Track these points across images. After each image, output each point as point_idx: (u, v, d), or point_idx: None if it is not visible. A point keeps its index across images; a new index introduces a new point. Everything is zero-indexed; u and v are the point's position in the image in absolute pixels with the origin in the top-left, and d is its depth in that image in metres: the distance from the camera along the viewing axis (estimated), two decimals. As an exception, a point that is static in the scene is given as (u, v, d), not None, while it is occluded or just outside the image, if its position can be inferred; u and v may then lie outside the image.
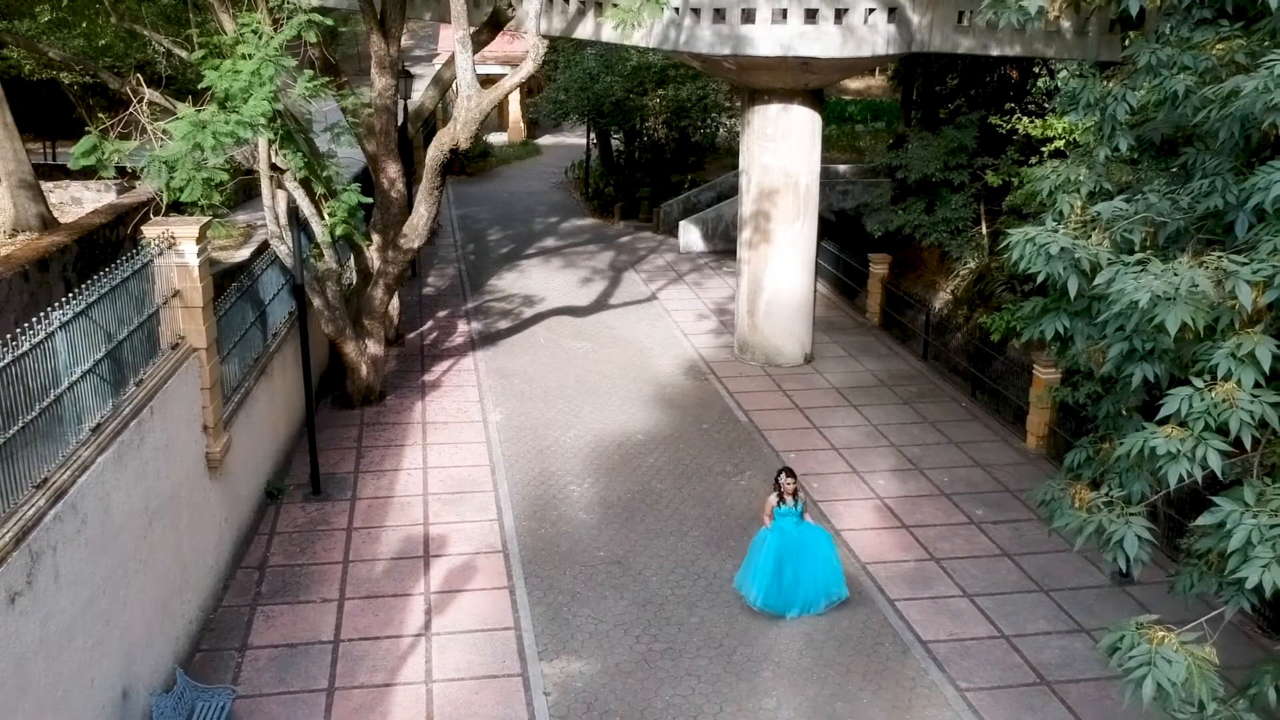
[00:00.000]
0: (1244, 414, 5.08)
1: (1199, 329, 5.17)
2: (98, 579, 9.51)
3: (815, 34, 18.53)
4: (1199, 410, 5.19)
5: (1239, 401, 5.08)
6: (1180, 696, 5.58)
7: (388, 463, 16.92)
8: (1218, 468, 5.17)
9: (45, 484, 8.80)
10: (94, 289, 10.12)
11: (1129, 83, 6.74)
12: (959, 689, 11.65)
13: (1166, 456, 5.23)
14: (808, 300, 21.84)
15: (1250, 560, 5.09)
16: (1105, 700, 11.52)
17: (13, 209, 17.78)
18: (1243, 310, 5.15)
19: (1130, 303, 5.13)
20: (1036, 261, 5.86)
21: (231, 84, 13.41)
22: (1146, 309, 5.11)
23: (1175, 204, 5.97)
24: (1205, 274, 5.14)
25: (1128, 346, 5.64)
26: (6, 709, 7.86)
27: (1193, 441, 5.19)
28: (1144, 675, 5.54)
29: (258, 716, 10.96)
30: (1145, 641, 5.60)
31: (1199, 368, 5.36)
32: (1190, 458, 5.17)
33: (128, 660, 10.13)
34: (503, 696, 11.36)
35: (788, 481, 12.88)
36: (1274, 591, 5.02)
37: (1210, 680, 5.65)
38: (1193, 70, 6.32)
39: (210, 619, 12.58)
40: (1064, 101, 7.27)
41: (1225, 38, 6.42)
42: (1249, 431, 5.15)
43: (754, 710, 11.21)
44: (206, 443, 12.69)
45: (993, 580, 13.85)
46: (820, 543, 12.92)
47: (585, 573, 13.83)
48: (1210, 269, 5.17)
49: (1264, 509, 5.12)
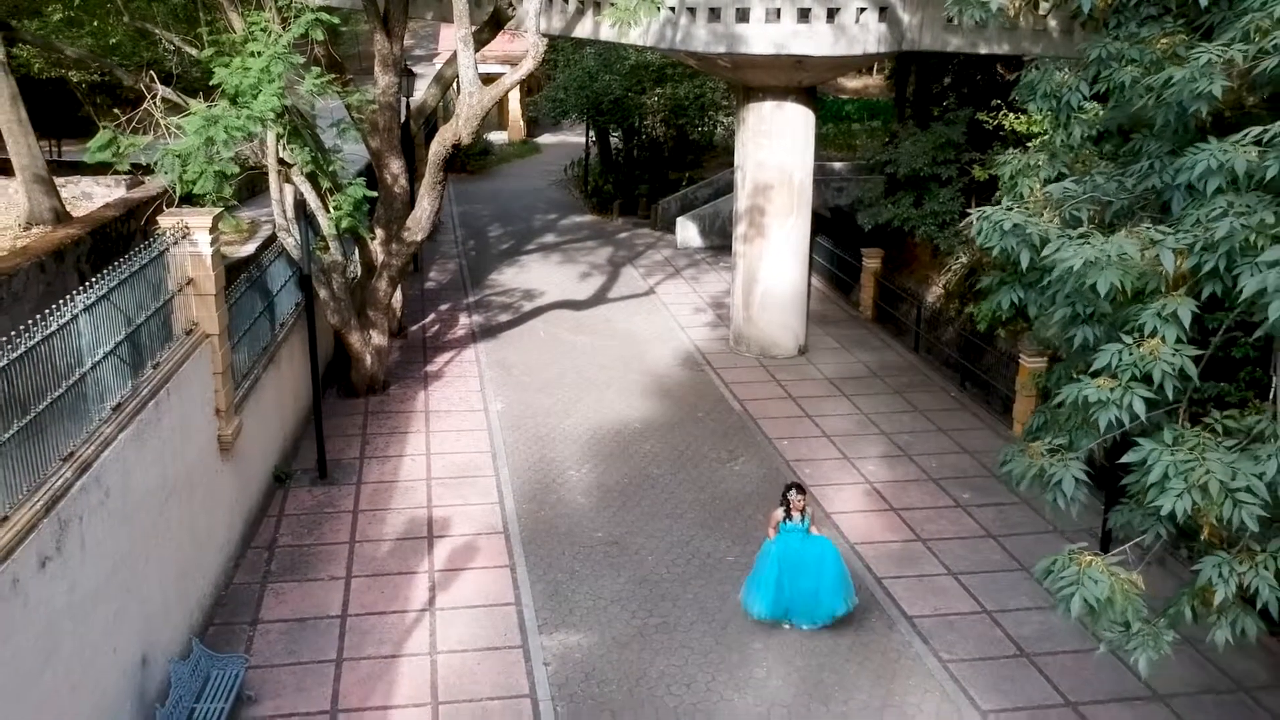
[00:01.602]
0: (1166, 365, 5.60)
1: (1128, 291, 5.70)
2: (120, 550, 10.00)
3: (808, 33, 19.03)
4: (1127, 363, 5.72)
5: (1162, 355, 5.60)
6: (1109, 617, 6.07)
7: (392, 449, 17.42)
8: (1141, 413, 5.68)
9: (71, 457, 9.30)
10: (114, 275, 10.60)
11: (1082, 75, 7.26)
12: (941, 660, 12.14)
13: (1098, 404, 5.74)
14: (801, 293, 22.33)
15: (1166, 491, 5.59)
16: (1081, 671, 12.01)
17: (27, 203, 18.28)
18: (1167, 275, 5.68)
19: (1068, 269, 5.67)
20: (992, 237, 6.39)
21: (242, 80, 13.92)
22: (1080, 273, 5.64)
23: (1121, 185, 6.50)
24: (1133, 243, 5.68)
25: (1071, 311, 6.17)
26: (37, 668, 8.34)
27: (1121, 390, 5.71)
28: (1072, 594, 6.07)
29: (269, 685, 11.45)
30: (1074, 565, 6.11)
31: (1129, 327, 5.88)
32: (1119, 405, 5.68)
33: (147, 629, 10.61)
34: (504, 667, 11.86)
35: (798, 499, 12.51)
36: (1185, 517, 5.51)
37: (1135, 601, 6.14)
38: (1138, 63, 6.83)
39: (222, 595, 13.07)
40: (1023, 92, 7.78)
41: (1169, 33, 6.92)
42: (1170, 381, 5.67)
43: (744, 679, 11.70)
44: (218, 425, 13.18)
45: (977, 560, 14.35)
46: (825, 557, 12.57)
47: (583, 552, 14.32)
48: (1138, 239, 5.71)
49: (1180, 448, 5.63)
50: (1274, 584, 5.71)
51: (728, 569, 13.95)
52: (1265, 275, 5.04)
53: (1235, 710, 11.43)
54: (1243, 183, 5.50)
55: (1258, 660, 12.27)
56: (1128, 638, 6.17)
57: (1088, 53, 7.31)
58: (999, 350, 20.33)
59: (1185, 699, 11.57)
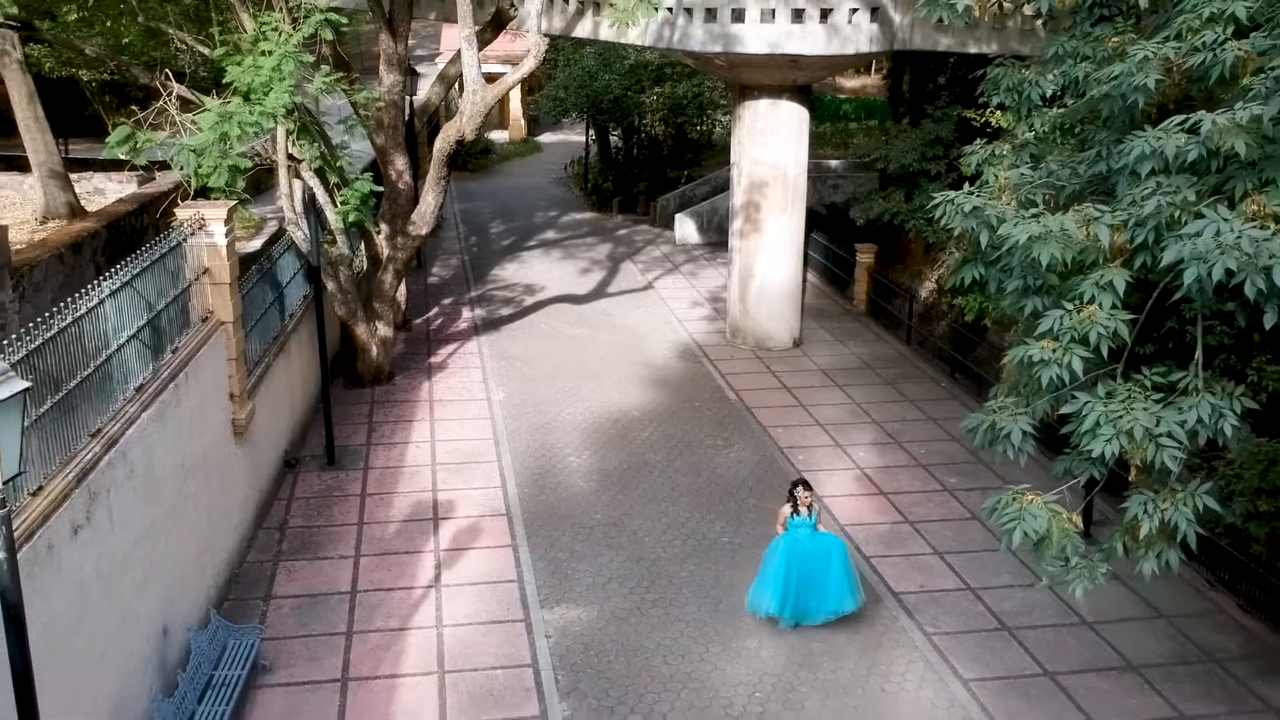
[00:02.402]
0: (1101, 328, 6.16)
1: (1068, 263, 6.26)
2: (143, 523, 10.54)
3: (802, 33, 19.57)
4: (1067, 327, 6.28)
5: (1098, 319, 6.16)
6: (1050, 553, 6.63)
7: (398, 436, 17.97)
8: (1080, 371, 6.24)
9: (99, 433, 9.84)
10: (136, 263, 11.14)
11: (1041, 71, 7.81)
12: (926, 633, 12.69)
13: (1041, 364, 6.31)
14: (796, 287, 22.88)
15: (1097, 437, 6.14)
16: (1059, 643, 12.55)
17: (43, 197, 18.82)
18: (1104, 249, 6.22)
19: (1016, 243, 6.23)
20: (955, 219, 6.95)
21: (254, 78, 14.45)
22: (1026, 246, 6.19)
23: (1074, 171, 7.05)
24: (1074, 220, 6.23)
25: (1022, 284, 6.74)
26: (71, 630, 8.88)
27: (1061, 351, 6.26)
28: (1014, 528, 6.68)
29: (283, 655, 11.99)
30: (1016, 503, 6.72)
31: (1071, 296, 6.44)
32: (1059, 364, 6.24)
33: (168, 601, 11.16)
34: (507, 639, 12.40)
35: (805, 495, 12.63)
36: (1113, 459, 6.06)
37: (1072, 538, 6.75)
38: (1091, 60, 7.37)
39: (236, 572, 13.61)
40: (988, 87, 8.33)
41: (1120, 32, 7.46)
42: (1105, 342, 6.23)
43: (737, 650, 12.25)
44: (232, 410, 13.73)
45: (962, 540, 14.89)
46: (833, 553, 12.68)
47: (583, 533, 14.86)
48: (1079, 217, 6.26)
49: (1113, 401, 6.19)
50: (1191, 519, 6.28)
51: (722, 549, 14.50)
52: (1182, 245, 5.59)
53: (1205, 680, 11.96)
54: (1172, 165, 6.06)
55: (1228, 634, 12.81)
56: (1066, 570, 6.74)
57: (1047, 50, 7.88)
58: (988, 342, 20.86)
59: (1158, 669, 12.11)
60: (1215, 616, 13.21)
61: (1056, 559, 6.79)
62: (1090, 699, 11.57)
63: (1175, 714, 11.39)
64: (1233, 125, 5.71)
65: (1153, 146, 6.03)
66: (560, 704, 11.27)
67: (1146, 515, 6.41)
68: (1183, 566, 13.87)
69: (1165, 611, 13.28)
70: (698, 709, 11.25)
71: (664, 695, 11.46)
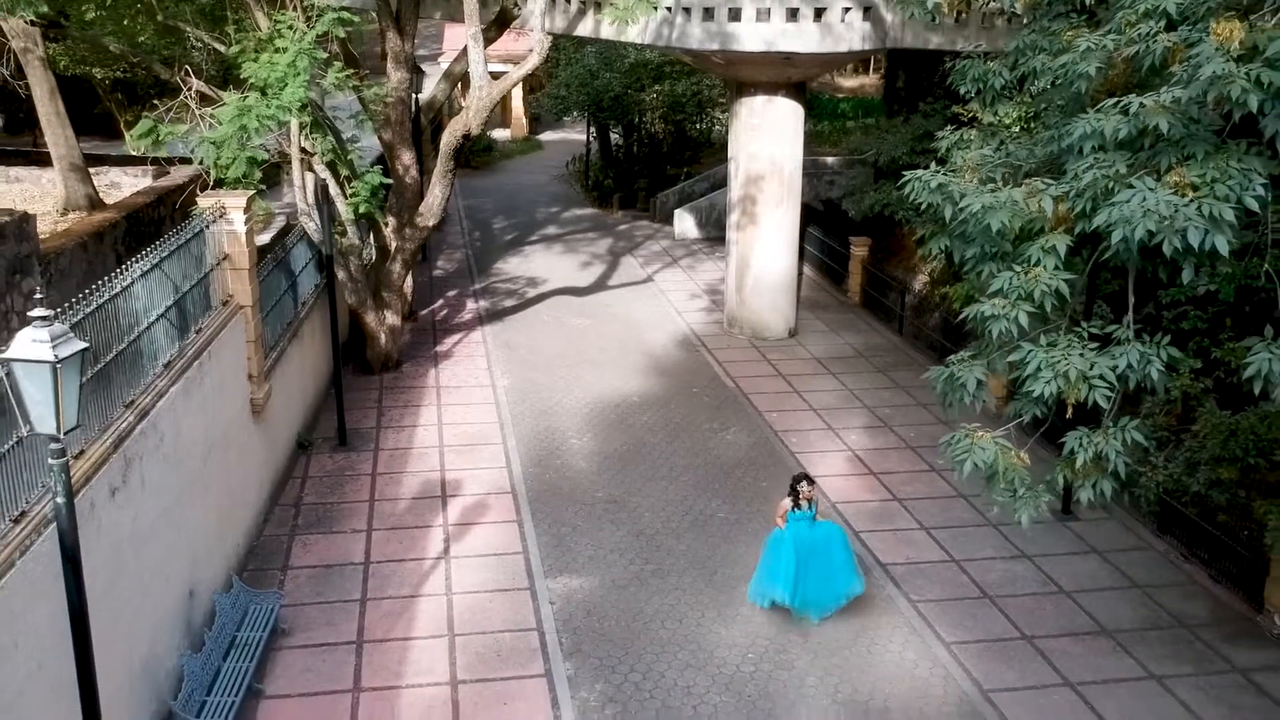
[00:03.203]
0: (1044, 287, 6.84)
1: (1017, 230, 6.94)
2: (172, 491, 11.21)
3: (796, 31, 20.22)
4: (1015, 286, 6.97)
5: (1041, 279, 6.83)
6: (999, 486, 7.32)
7: (406, 420, 18.63)
8: (1025, 325, 6.91)
9: (132, 404, 10.50)
10: (163, 247, 11.80)
11: (1003, 62, 8.50)
12: (911, 601, 13.35)
13: (991, 318, 6.98)
14: (792, 278, 23.54)
15: (1038, 379, 6.81)
16: (1037, 611, 13.21)
17: (64, 190, 19.48)
18: (1049, 217, 6.90)
19: (971, 213, 6.90)
20: (922, 194, 7.63)
21: (270, 74, 15.11)
22: (979, 215, 6.87)
23: (1030, 152, 7.73)
24: (1021, 192, 6.91)
25: (980, 250, 7.41)
26: (108, 584, 9.53)
27: (1009, 308, 6.94)
28: (965, 460, 7.38)
29: (301, 620, 12.65)
30: (968, 439, 7.43)
31: (1020, 260, 7.12)
32: (1008, 318, 6.91)
33: (193, 565, 11.82)
34: (514, 605, 13.07)
35: (808, 489, 12.85)
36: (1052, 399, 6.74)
37: (1019, 471, 7.46)
38: (1048, 52, 8.04)
39: (254, 545, 14.27)
40: (955, 77, 9.01)
41: (1074, 27, 8.12)
42: (1048, 299, 6.92)
43: (731, 616, 12.91)
44: (251, 390, 14.39)
45: (948, 516, 15.55)
46: (834, 542, 13.01)
47: (585, 510, 15.52)
48: (1027, 189, 6.94)
49: (1053, 349, 6.88)
50: (1120, 450, 6.95)
51: (718, 524, 15.16)
52: (1111, 211, 6.25)
53: (1175, 644, 12.62)
54: (1109, 143, 6.73)
55: (1199, 602, 13.47)
56: (1014, 500, 7.42)
57: (1009, 44, 8.56)
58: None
59: (1130, 634, 12.77)
60: (1187, 586, 13.86)
61: (1005, 490, 7.48)
62: (1065, 660, 12.23)
63: (1145, 674, 12.04)
64: (1158, 106, 6.40)
65: (1093, 126, 6.71)
66: (564, 663, 11.94)
67: (1082, 448, 7.10)
68: (1158, 540, 14.58)
69: (1139, 582, 13.94)
70: (694, 668, 11.92)
71: (662, 656, 12.12)
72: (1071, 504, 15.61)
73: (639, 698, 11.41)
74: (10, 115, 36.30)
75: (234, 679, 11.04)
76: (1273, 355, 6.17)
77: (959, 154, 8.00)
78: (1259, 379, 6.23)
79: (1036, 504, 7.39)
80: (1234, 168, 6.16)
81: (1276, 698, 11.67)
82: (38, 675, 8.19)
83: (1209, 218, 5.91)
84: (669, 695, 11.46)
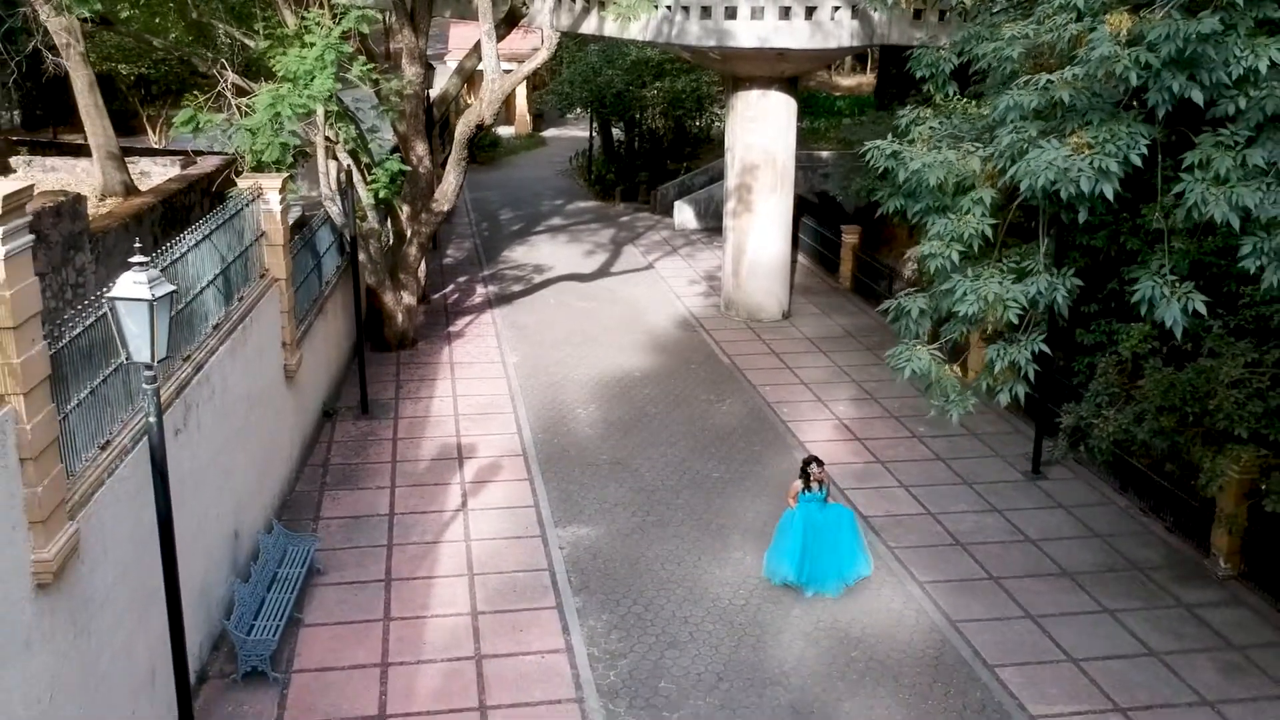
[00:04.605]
0: (972, 230, 8.12)
1: (952, 186, 8.23)
2: (221, 438, 12.48)
3: (788, 28, 21.49)
4: (949, 231, 8.26)
5: (968, 224, 8.11)
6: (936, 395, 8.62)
7: (423, 392, 19.92)
8: (957, 261, 8.19)
9: (189, 358, 11.77)
10: (210, 222, 13.07)
11: (953, 49, 9.81)
12: (889, 547, 14.61)
13: (930, 256, 8.26)
14: (785, 263, 24.81)
15: (963, 301, 8.10)
16: (1005, 556, 14.47)
17: (101, 177, 20.75)
18: (977, 174, 8.18)
19: (913, 171, 8.19)
20: (879, 160, 8.93)
21: (299, 67, 16.39)
22: (919, 172, 8.16)
23: (972, 124, 9.01)
24: (955, 154, 8.21)
25: (925, 205, 8.69)
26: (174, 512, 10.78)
27: (945, 248, 8.21)
28: (905, 367, 8.66)
29: (334, 562, 13.92)
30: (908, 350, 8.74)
31: (955, 210, 8.42)
32: (943, 256, 8.18)
33: (238, 509, 13.09)
34: (527, 550, 14.34)
35: (818, 471, 13.39)
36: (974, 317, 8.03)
37: (950, 380, 8.77)
38: (989, 40, 9.31)
39: (288, 499, 15.55)
40: (913, 64, 10.29)
41: (1012, 20, 9.39)
42: (975, 240, 8.19)
43: (725, 560, 14.18)
44: (284, 356, 15.66)
45: (926, 476, 16.82)
46: (843, 524, 13.60)
47: (591, 470, 16.80)
48: (960, 152, 8.23)
49: (978, 279, 8.15)
50: (1029, 358, 8.23)
51: (714, 483, 16.43)
52: (1021, 165, 7.53)
53: (1129, 584, 13.88)
54: (1028, 113, 7.99)
55: (1153, 549, 14.72)
56: (946, 403, 8.71)
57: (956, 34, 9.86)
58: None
59: (1089, 575, 14.03)
60: (1144, 536, 15.13)
61: (940, 395, 8.78)
62: (1027, 596, 13.49)
63: (1099, 608, 13.30)
64: (1063, 82, 7.66)
65: (1015, 100, 7.98)
66: (574, 598, 13.21)
67: (998, 356, 8.39)
68: (1119, 496, 15.82)
69: (1100, 532, 15.20)
70: (690, 602, 13.19)
71: (661, 592, 13.39)
72: (1040, 464, 16.91)
73: (640, 625, 12.68)
74: (28, 112, 37.69)
75: (277, 608, 12.30)
76: (1154, 283, 7.46)
77: (915, 129, 9.29)
78: (1143, 303, 7.52)
79: (964, 405, 8.68)
80: (1123, 131, 7.44)
81: (1216, 627, 12.93)
82: (122, 580, 9.47)
83: (1098, 170, 7.19)
84: (668, 624, 12.73)
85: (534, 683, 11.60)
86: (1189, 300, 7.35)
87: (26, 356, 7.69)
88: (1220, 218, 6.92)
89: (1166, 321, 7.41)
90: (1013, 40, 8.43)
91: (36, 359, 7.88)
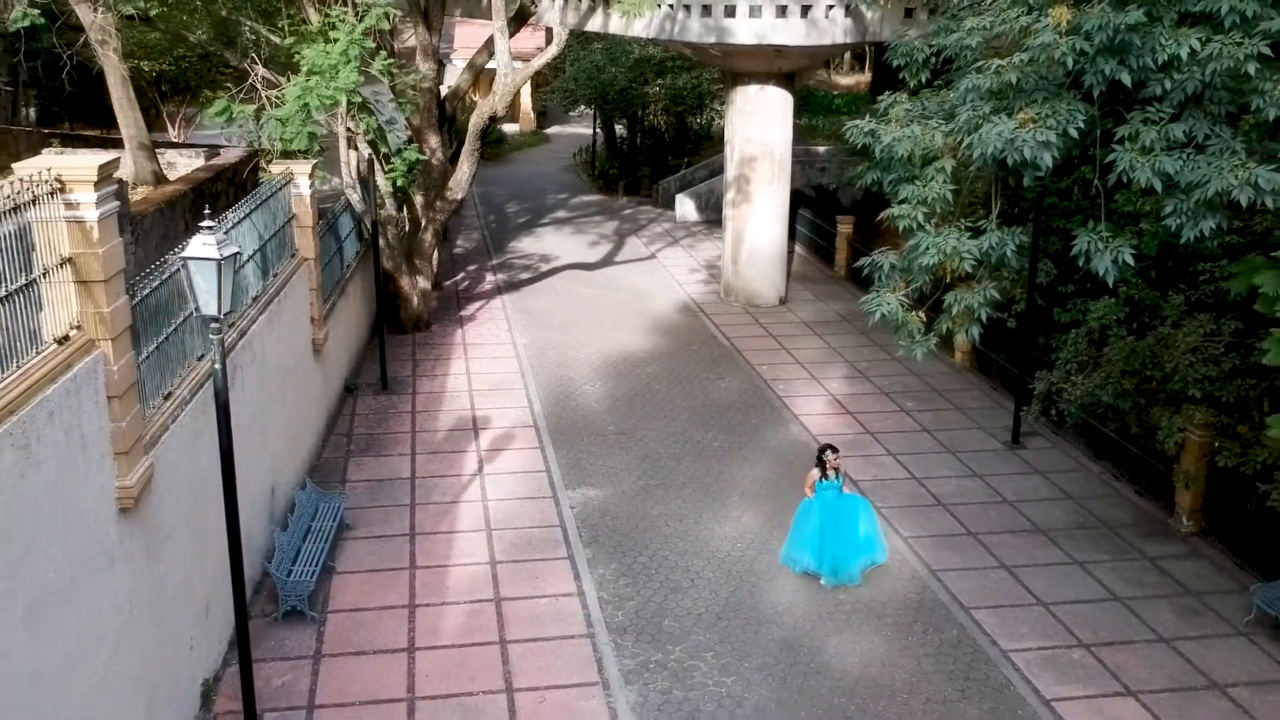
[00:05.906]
0: (935, 194, 9.24)
1: (919, 158, 9.36)
2: (260, 401, 13.58)
3: (785, 26, 22.59)
4: (915, 196, 9.39)
5: (931, 189, 9.24)
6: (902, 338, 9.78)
7: (438, 370, 21.03)
8: (922, 220, 9.32)
9: (234, 325, 12.88)
10: (249, 202, 14.17)
11: (925, 41, 10.97)
12: (876, 507, 15.65)
13: (899, 217, 9.38)
14: (782, 251, 25.92)
15: (925, 254, 9.23)
16: (983, 515, 15.57)
17: (133, 166, 21.87)
18: (940, 147, 9.32)
19: (884, 145, 9.33)
20: (857, 137, 10.06)
21: (325, 61, 17.48)
22: (889, 145, 9.29)
23: (940, 105, 10.14)
24: (919, 128, 9.35)
25: (896, 176, 9.82)
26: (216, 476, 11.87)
27: (911, 210, 9.33)
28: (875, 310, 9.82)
29: (361, 519, 15.03)
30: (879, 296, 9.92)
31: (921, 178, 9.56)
32: (910, 217, 9.31)
33: (274, 468, 14.20)
34: (540, 510, 15.45)
35: (833, 458, 13.68)
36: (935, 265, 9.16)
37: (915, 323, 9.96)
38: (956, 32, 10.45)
39: (315, 464, 16.65)
40: (890, 54, 11.41)
41: (976, 14, 10.51)
42: (938, 204, 9.31)
43: (724, 518, 15.29)
44: (313, 331, 16.77)
45: (912, 445, 17.92)
46: (859, 514, 13.91)
47: (598, 439, 17.91)
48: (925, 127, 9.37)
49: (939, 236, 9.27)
50: (983, 301, 9.36)
51: (714, 451, 17.54)
52: (974, 138, 8.66)
53: (1098, 539, 14.97)
54: (983, 94, 9.12)
55: (1123, 509, 15.82)
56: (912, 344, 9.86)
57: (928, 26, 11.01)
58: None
59: (1061, 532, 15.12)
60: (1115, 498, 16.22)
61: (906, 335, 9.94)
62: (1002, 549, 14.60)
63: (1069, 560, 14.40)
64: (1012, 67, 8.80)
65: (973, 82, 9.12)
66: (584, 550, 14.31)
67: (956, 302, 9.52)
68: (1093, 464, 16.90)
69: (1073, 495, 16.30)
70: (691, 553, 14.30)
71: (665, 545, 14.51)
72: (1020, 435, 18.01)
73: (646, 573, 13.79)
74: (43, 108, 38.87)
75: (312, 556, 13.40)
76: (1091, 238, 8.57)
77: (892, 111, 10.42)
78: (1081, 254, 8.65)
79: (927, 346, 9.84)
80: (1063, 108, 8.56)
81: (1176, 577, 14.03)
82: (182, 519, 10.58)
83: (1040, 142, 8.31)
84: (671, 572, 13.84)
85: (549, 621, 12.70)
86: (1119, 253, 8.48)
87: (114, 307, 8.79)
88: (1145, 182, 8.04)
89: (1100, 271, 8.53)
90: (972, 31, 9.60)
91: (121, 309, 8.98)
